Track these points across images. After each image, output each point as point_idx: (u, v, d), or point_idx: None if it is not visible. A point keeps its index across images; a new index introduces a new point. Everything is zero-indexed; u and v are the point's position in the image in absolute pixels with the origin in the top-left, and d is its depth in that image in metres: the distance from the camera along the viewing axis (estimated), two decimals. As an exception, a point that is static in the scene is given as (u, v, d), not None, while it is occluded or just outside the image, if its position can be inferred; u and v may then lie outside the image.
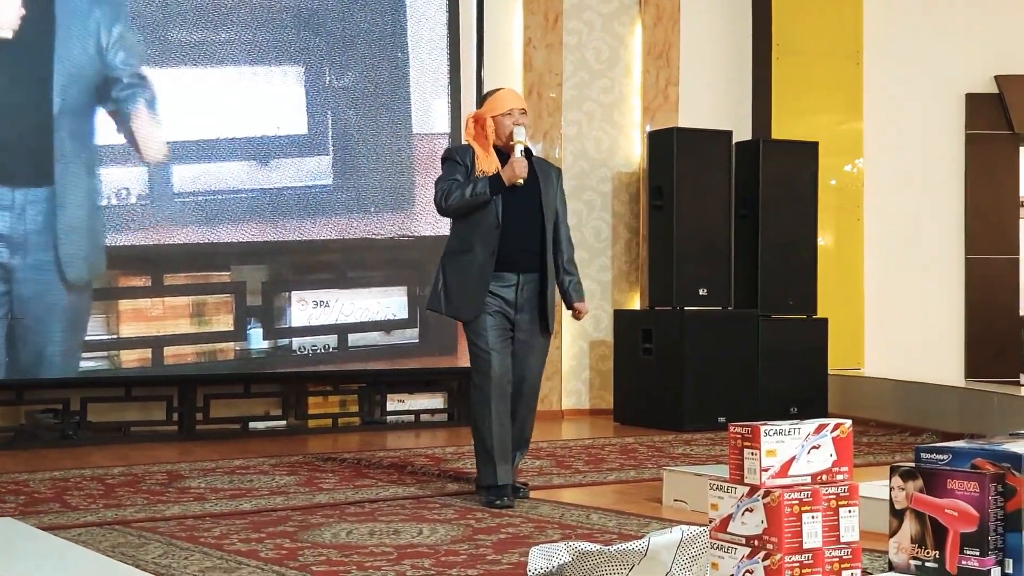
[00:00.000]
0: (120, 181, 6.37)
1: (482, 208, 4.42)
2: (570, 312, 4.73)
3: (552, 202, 4.57)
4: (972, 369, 8.36)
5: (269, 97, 6.72)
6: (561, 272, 4.62)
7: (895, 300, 8.31)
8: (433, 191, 4.57)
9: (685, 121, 7.81)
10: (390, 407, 7.11)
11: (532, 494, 4.57)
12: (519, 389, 4.51)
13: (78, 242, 6.23)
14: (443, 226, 7.06)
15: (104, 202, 6.34)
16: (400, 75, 7.01)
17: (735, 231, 7.38)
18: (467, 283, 4.44)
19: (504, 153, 4.50)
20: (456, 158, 4.51)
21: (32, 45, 6.14)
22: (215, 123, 6.59)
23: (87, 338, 6.29)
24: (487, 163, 4.45)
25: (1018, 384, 8.32)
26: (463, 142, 4.65)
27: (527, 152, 4.49)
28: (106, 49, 6.25)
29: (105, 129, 6.34)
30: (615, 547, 2.85)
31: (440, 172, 4.55)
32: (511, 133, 4.46)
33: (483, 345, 4.40)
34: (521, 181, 4.40)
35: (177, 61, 6.52)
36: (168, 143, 6.48)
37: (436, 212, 4.62)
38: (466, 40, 7.21)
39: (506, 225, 4.42)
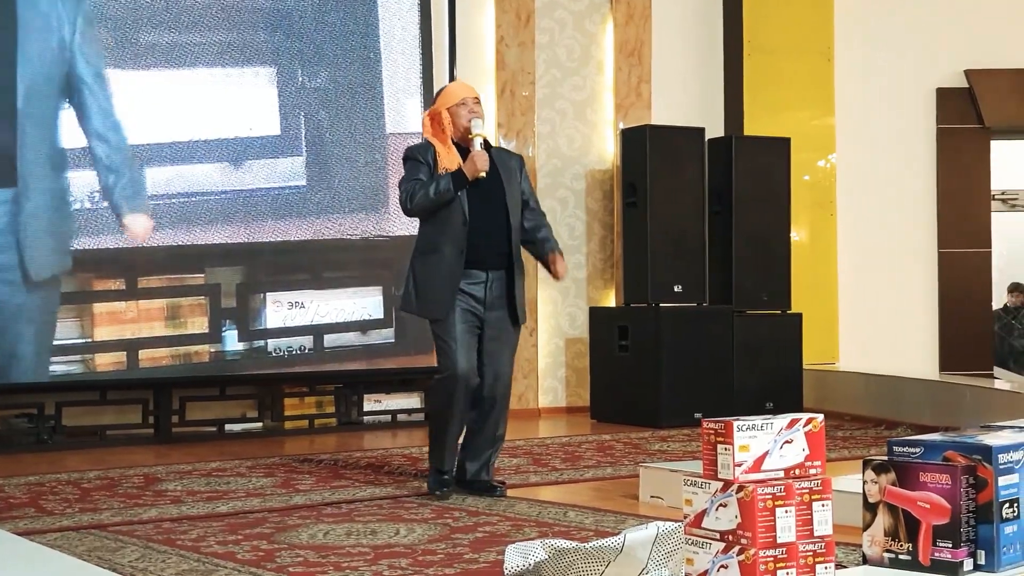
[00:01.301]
0: (93, 184, 6.34)
1: (447, 206, 4.40)
2: (548, 272, 4.66)
3: (516, 194, 4.54)
4: (946, 363, 8.41)
5: (242, 98, 6.70)
6: (533, 231, 4.58)
7: (869, 294, 8.36)
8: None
9: (658, 118, 7.83)
10: (367, 407, 7.10)
11: (509, 492, 4.57)
12: (493, 387, 4.51)
13: (43, 241, 6.17)
14: (417, 226, 7.07)
15: (77, 205, 6.30)
16: (373, 75, 7.01)
17: (709, 227, 7.41)
18: (436, 282, 4.44)
19: (464, 148, 4.47)
20: (418, 157, 4.48)
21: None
22: (188, 125, 6.57)
23: (61, 342, 6.26)
24: (448, 159, 4.43)
25: (991, 377, 8.40)
26: (422, 141, 4.63)
27: (486, 143, 4.48)
28: (69, 47, 6.19)
29: (74, 130, 6.30)
30: (591, 544, 2.86)
31: (403, 173, 4.55)
32: (468, 126, 4.43)
33: (449, 341, 4.40)
34: (483, 174, 4.36)
35: (149, 63, 6.50)
36: (138, 145, 6.45)
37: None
38: (438, 39, 7.21)
39: (473, 222, 4.40)
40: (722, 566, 2.51)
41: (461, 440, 4.59)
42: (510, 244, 4.48)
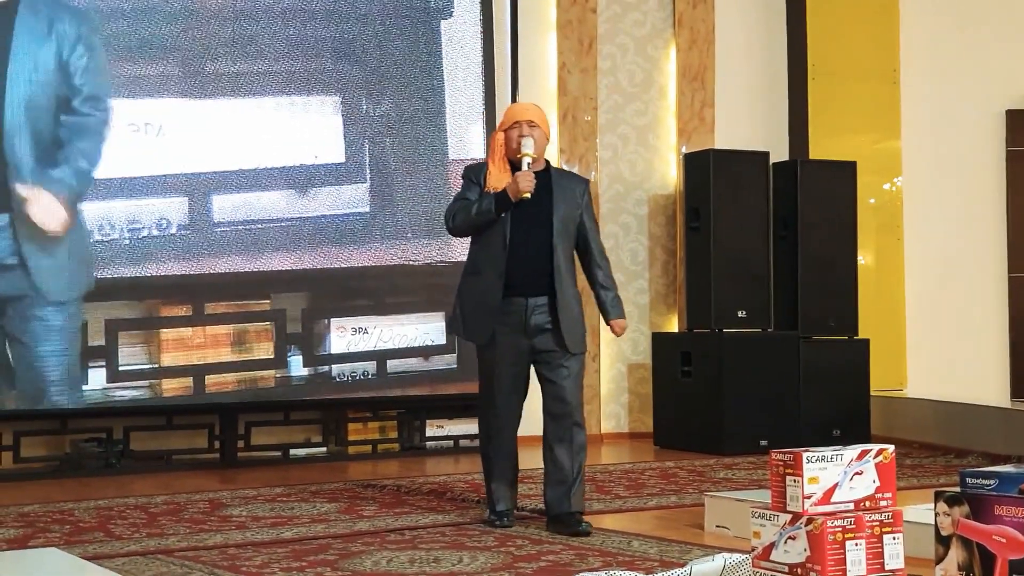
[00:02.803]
0: (160, 211, 6.44)
1: (490, 227, 4.33)
2: (609, 329, 4.56)
3: (565, 218, 4.38)
4: (1017, 389, 8.25)
5: (307, 126, 6.77)
6: (597, 287, 4.49)
7: (937, 319, 8.23)
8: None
9: (721, 142, 7.79)
10: (429, 433, 7.11)
11: (573, 520, 4.54)
12: (556, 414, 4.39)
13: (55, 264, 6.19)
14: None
15: (145, 233, 6.40)
16: (436, 102, 7.05)
17: (774, 252, 7.35)
18: (478, 306, 4.39)
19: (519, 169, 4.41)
20: (471, 176, 4.45)
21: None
22: (254, 153, 6.65)
23: (128, 367, 6.34)
24: (496, 179, 4.36)
25: (1064, 403, 8.22)
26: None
27: (548, 166, 4.42)
28: (66, 66, 6.23)
29: (141, 159, 6.40)
30: (657, 575, 2.83)
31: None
32: (518, 147, 4.37)
33: (489, 372, 4.40)
34: (528, 195, 4.25)
35: (215, 92, 6.59)
36: (205, 173, 6.54)
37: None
38: (501, 66, 7.25)
39: (513, 246, 4.31)
40: (791, 600, 2.48)
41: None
42: (552, 268, 4.33)
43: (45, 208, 6.22)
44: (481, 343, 4.42)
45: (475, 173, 4.46)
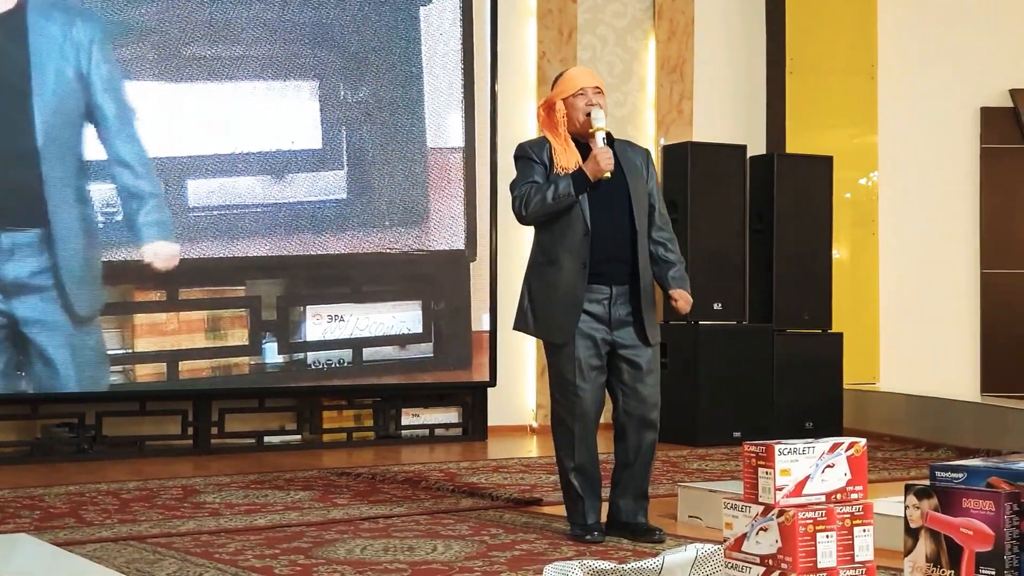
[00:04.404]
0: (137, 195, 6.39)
1: (567, 212, 3.88)
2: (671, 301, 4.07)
3: (643, 196, 3.97)
4: (988, 384, 8.32)
5: (284, 112, 6.75)
6: (660, 260, 4.02)
7: (910, 314, 8.29)
8: (509, 198, 3.99)
9: (699, 135, 7.81)
10: (404, 421, 7.11)
11: (546, 510, 4.56)
12: (637, 413, 3.96)
13: (80, 277, 6.18)
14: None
15: (119, 217, 6.35)
16: (414, 89, 7.04)
17: (749, 245, 7.37)
18: (556, 301, 3.91)
19: (584, 144, 3.95)
20: (531, 155, 3.93)
21: (6, 81, 6.06)
22: (230, 138, 6.62)
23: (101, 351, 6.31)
24: (565, 158, 3.89)
25: (1034, 399, 8.29)
26: (538, 135, 4.11)
27: (609, 138, 3.94)
28: (87, 76, 6.19)
29: (97, 155, 6.35)
30: (629, 565, 2.84)
31: (515, 175, 4.00)
32: (588, 118, 3.91)
33: (571, 375, 3.89)
34: (608, 174, 3.83)
35: (192, 76, 6.56)
36: (181, 157, 6.50)
37: (505, 221, 4.24)
38: (480, 54, 7.23)
39: (595, 231, 3.87)
40: (762, 591, 2.50)
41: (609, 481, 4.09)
42: (635, 253, 3.94)
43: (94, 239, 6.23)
44: (561, 342, 3.92)
45: (536, 151, 3.95)
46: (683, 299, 4.05)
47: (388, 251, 6.93)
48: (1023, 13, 8.50)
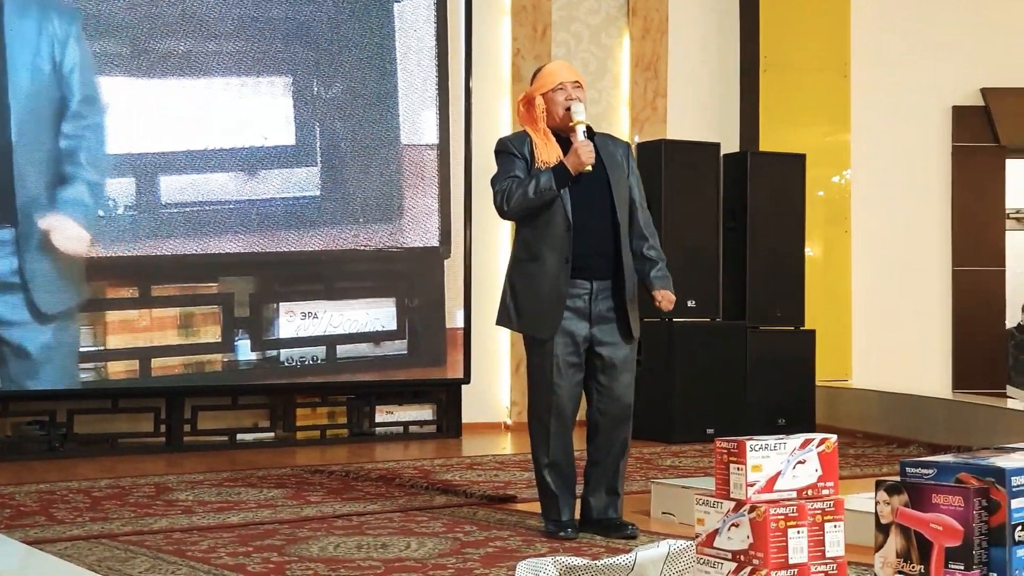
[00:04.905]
0: (107, 192, 6.36)
1: (549, 206, 3.86)
2: (654, 301, 4.07)
3: (624, 190, 3.97)
4: (959, 381, 8.39)
5: (257, 108, 6.72)
6: (643, 259, 4.02)
7: (882, 311, 8.34)
8: (492, 193, 3.98)
9: (673, 133, 7.83)
10: (378, 419, 7.10)
11: (519, 507, 4.56)
12: (610, 411, 3.96)
13: (48, 275, 6.13)
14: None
15: (98, 213, 6.31)
16: (388, 86, 7.02)
17: (723, 242, 7.39)
18: (540, 296, 3.90)
19: (564, 138, 3.93)
20: (512, 150, 3.94)
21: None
22: (203, 134, 6.59)
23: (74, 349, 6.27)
24: (546, 152, 3.90)
25: (1004, 396, 8.36)
26: (519, 130, 4.09)
27: (589, 132, 3.92)
28: (60, 70, 6.14)
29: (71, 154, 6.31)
30: (602, 561, 2.85)
31: (495, 170, 3.99)
32: (567, 112, 3.90)
33: (548, 372, 3.88)
34: (590, 168, 3.81)
35: (164, 71, 6.52)
36: (153, 154, 6.47)
37: (495, 216, 4.00)
38: (454, 51, 7.22)
39: (577, 225, 3.87)
40: (733, 586, 2.51)
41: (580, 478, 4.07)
42: (618, 247, 3.93)
43: (66, 234, 6.17)
44: (546, 337, 3.90)
45: (517, 145, 3.95)
46: (666, 299, 4.05)
47: (362, 248, 6.92)
48: (995, 12, 8.56)
